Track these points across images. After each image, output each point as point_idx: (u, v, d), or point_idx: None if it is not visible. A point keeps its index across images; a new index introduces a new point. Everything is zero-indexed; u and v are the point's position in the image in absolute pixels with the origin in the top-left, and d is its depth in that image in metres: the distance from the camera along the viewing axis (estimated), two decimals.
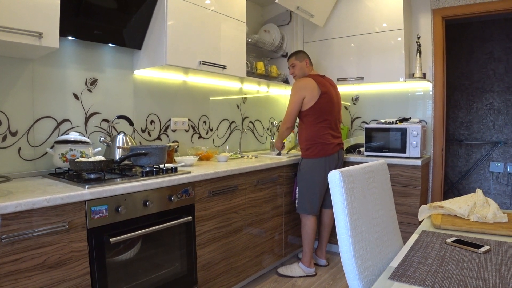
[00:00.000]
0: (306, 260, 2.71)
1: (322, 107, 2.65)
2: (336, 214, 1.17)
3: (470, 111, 4.58)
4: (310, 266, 2.70)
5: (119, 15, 2.06)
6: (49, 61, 1.94)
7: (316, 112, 2.63)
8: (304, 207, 2.68)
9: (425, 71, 3.16)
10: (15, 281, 1.27)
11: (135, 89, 2.39)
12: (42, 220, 1.34)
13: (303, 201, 2.68)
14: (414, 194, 2.75)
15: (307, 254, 2.70)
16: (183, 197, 1.91)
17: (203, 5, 2.36)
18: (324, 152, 2.65)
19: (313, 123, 2.65)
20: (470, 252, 1.12)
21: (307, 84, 2.66)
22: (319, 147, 2.64)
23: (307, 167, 2.67)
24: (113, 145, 2.07)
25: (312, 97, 2.63)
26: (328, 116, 2.68)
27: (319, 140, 2.64)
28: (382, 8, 3.04)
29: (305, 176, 2.67)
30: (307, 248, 2.70)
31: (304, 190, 2.67)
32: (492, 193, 4.46)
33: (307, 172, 2.66)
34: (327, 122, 2.67)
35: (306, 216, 2.68)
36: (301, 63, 2.83)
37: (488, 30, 4.41)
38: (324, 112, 2.66)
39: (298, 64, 2.84)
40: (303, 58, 2.85)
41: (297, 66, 2.84)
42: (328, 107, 2.68)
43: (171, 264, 1.89)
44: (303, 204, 2.68)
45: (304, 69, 2.83)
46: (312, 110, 2.63)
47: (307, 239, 2.69)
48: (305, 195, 2.67)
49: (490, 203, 1.49)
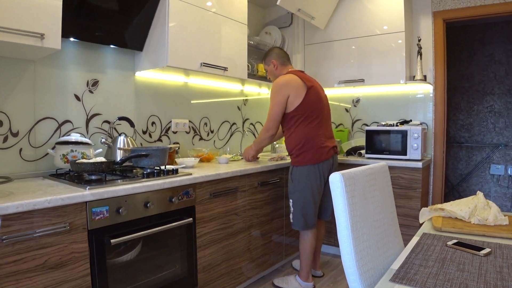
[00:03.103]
0: (303, 275, 2.49)
1: (311, 103, 2.34)
2: (337, 216, 1.17)
3: (470, 113, 4.58)
4: (308, 281, 2.49)
5: (121, 16, 2.07)
6: (51, 62, 1.95)
7: (305, 111, 2.33)
8: (300, 223, 2.40)
9: (426, 73, 3.17)
10: (16, 282, 1.27)
11: (136, 90, 2.40)
12: (43, 221, 1.34)
13: (298, 216, 2.39)
14: (415, 196, 2.74)
15: (305, 268, 2.49)
16: (184, 198, 1.91)
17: (204, 7, 2.37)
18: (319, 157, 2.35)
19: (302, 125, 2.35)
20: (471, 255, 1.11)
21: (289, 81, 2.35)
22: (312, 152, 2.34)
23: (299, 176, 2.37)
24: (114, 146, 2.07)
25: (297, 94, 2.32)
26: (319, 114, 2.38)
27: (312, 144, 2.34)
28: (383, 11, 3.05)
29: (298, 187, 2.37)
30: (304, 262, 2.48)
31: (298, 203, 2.38)
32: (493, 196, 4.45)
33: (300, 182, 2.36)
34: (317, 121, 2.37)
35: (304, 231, 2.43)
36: (269, 67, 2.59)
37: (489, 32, 4.41)
38: (314, 109, 2.36)
39: (268, 69, 2.61)
40: (270, 60, 2.57)
41: (269, 71, 2.62)
42: (318, 103, 2.38)
43: (172, 265, 1.89)
44: (298, 219, 2.39)
45: (274, 73, 2.58)
46: (300, 109, 2.33)
47: (305, 254, 2.46)
48: (300, 209, 2.38)
49: (491, 205, 1.49)
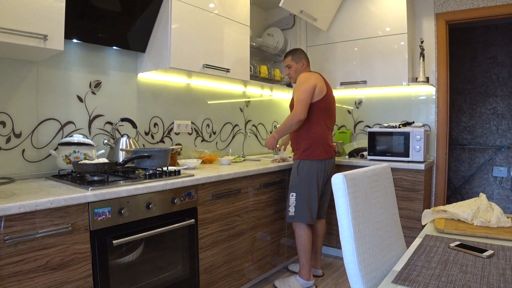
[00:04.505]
0: (304, 273, 2.47)
1: (328, 106, 2.48)
2: (340, 218, 1.17)
3: (473, 115, 4.57)
4: (310, 279, 2.48)
5: (124, 18, 2.07)
6: (54, 64, 1.96)
7: (323, 109, 2.44)
8: (302, 215, 2.42)
9: (429, 75, 3.16)
10: (18, 282, 1.27)
11: (139, 92, 2.41)
12: (45, 221, 1.34)
13: (303, 209, 2.42)
14: (417, 198, 2.73)
15: (305, 266, 2.47)
16: (186, 200, 1.91)
17: (207, 8, 2.37)
18: (326, 154, 2.45)
19: (317, 120, 2.44)
20: (474, 257, 1.11)
21: (316, 76, 2.48)
22: (321, 148, 2.44)
23: (307, 170, 2.43)
24: (116, 147, 2.08)
25: (321, 90, 2.43)
26: (332, 116, 2.54)
27: (322, 141, 2.44)
28: (386, 12, 3.05)
29: (305, 181, 2.43)
30: (304, 260, 2.47)
31: (303, 197, 2.43)
32: (496, 198, 4.43)
33: (308, 176, 2.43)
34: (329, 121, 2.51)
35: (301, 225, 2.45)
36: (297, 64, 2.62)
37: (492, 34, 4.40)
38: (329, 112, 2.49)
39: (294, 65, 2.62)
40: (300, 58, 2.62)
41: (293, 68, 2.63)
42: (333, 105, 2.54)
43: (174, 267, 1.89)
44: (302, 212, 2.42)
45: (299, 71, 2.62)
46: (320, 104, 2.42)
47: (303, 251, 2.46)
48: (305, 201, 2.42)
49: (493, 207, 1.48)
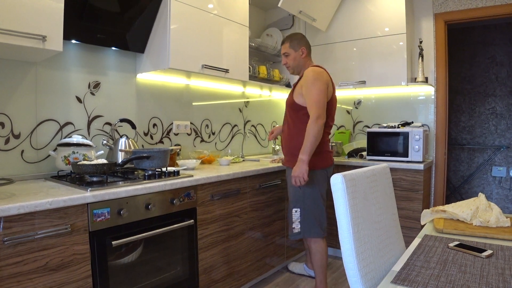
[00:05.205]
0: None
1: (331, 107, 2.23)
2: (339, 218, 1.17)
3: (472, 115, 4.57)
4: None
5: (122, 19, 2.07)
6: (53, 64, 1.96)
7: (327, 111, 2.17)
8: (314, 229, 2.22)
9: (427, 75, 3.17)
10: (17, 283, 1.27)
11: (138, 92, 2.40)
12: (44, 222, 1.34)
13: (312, 222, 2.22)
14: (416, 198, 2.74)
15: (323, 282, 2.29)
16: (185, 200, 1.91)
17: (206, 9, 2.37)
18: (327, 161, 2.26)
19: None
20: (473, 257, 1.11)
21: (326, 75, 2.21)
22: (323, 155, 2.24)
23: (311, 181, 2.19)
24: (115, 148, 2.08)
25: (330, 90, 2.20)
26: (332, 119, 2.30)
27: (322, 147, 2.21)
28: (384, 13, 3.05)
29: (309, 193, 2.22)
30: (322, 275, 2.28)
31: (311, 211, 2.22)
32: (495, 198, 4.44)
33: (311, 187, 2.21)
34: (331, 124, 2.30)
35: (317, 240, 2.24)
36: (296, 52, 2.28)
37: (491, 34, 4.41)
38: (331, 113, 2.25)
39: (292, 53, 2.28)
40: (300, 45, 2.28)
41: (291, 56, 2.29)
42: (334, 109, 2.29)
43: (173, 267, 1.89)
44: (312, 226, 2.22)
45: (299, 61, 2.30)
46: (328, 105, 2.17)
47: (321, 267, 2.26)
48: (312, 216, 2.22)
49: (492, 207, 1.48)
